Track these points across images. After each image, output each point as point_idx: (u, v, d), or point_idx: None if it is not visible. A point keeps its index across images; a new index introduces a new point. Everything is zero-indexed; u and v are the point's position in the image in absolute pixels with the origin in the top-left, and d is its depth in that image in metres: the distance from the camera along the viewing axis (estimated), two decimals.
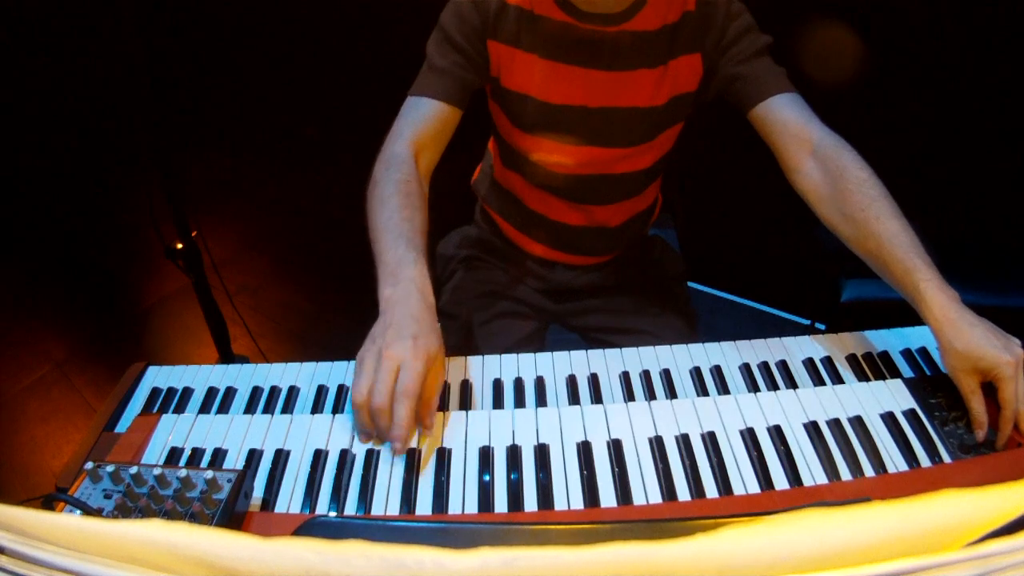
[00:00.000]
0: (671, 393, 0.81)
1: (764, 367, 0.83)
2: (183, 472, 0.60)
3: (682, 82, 0.92)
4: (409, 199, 0.82)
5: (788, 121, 0.85)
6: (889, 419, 0.70)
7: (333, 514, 0.63)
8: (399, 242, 0.77)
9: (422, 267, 0.76)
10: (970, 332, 0.69)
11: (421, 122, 0.90)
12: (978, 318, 0.71)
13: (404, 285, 0.73)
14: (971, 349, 0.68)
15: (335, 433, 0.71)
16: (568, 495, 0.64)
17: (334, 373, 0.84)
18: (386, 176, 0.84)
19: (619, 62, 0.89)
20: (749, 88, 0.88)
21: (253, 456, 0.69)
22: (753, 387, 0.81)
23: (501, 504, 0.64)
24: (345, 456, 0.68)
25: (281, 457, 0.69)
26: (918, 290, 0.72)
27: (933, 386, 0.75)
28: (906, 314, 0.77)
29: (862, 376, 0.82)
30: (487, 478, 0.66)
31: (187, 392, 0.83)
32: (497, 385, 0.82)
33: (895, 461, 0.67)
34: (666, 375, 0.82)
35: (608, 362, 0.85)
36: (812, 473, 0.66)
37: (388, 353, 0.67)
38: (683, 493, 0.64)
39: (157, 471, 0.60)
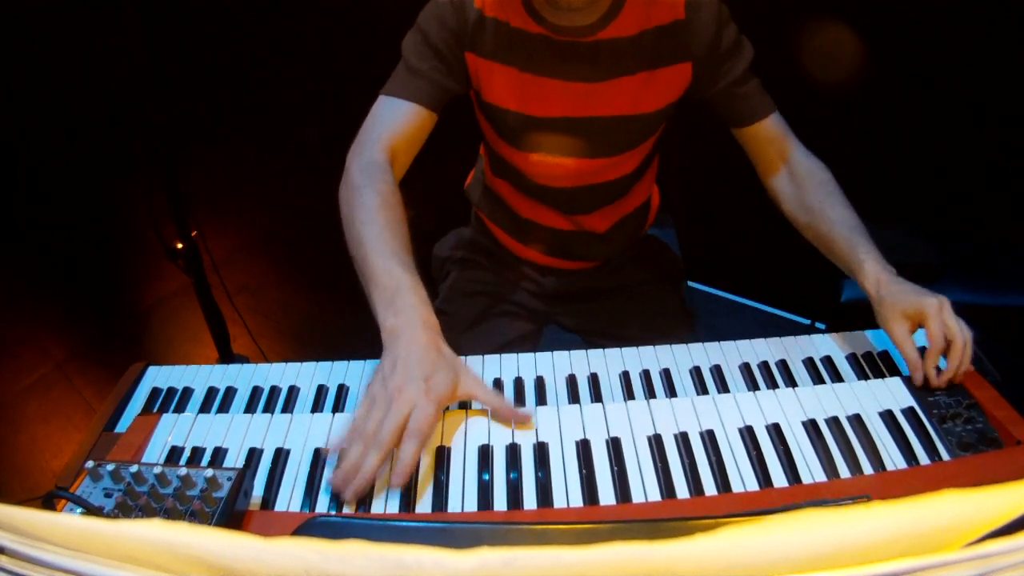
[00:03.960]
0: (671, 393, 0.81)
1: (764, 367, 0.83)
2: (183, 471, 0.60)
3: (671, 90, 0.92)
4: (394, 212, 0.81)
5: (774, 139, 0.96)
6: (888, 417, 0.70)
7: (333, 513, 0.63)
8: (393, 264, 0.75)
9: (421, 291, 0.74)
10: (898, 287, 0.78)
11: (397, 125, 0.88)
12: (910, 283, 0.80)
13: (406, 314, 0.71)
14: (897, 298, 0.77)
15: (335, 433, 0.71)
16: (567, 493, 0.64)
17: (334, 373, 0.84)
18: (367, 185, 0.82)
19: (597, 72, 0.88)
20: (745, 108, 0.94)
21: (253, 455, 0.69)
22: (753, 386, 0.81)
23: (500, 503, 0.64)
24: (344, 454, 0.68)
25: (281, 456, 0.69)
26: (858, 260, 0.82)
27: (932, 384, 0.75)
28: None
29: (861, 375, 0.82)
30: (486, 477, 0.66)
31: (187, 392, 0.83)
32: (497, 384, 0.82)
33: (894, 459, 0.67)
34: (666, 375, 0.82)
35: (608, 361, 0.85)
36: (811, 471, 0.66)
37: (401, 397, 0.65)
38: (682, 491, 0.64)
39: (157, 470, 0.60)
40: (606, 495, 0.64)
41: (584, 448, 0.68)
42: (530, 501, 0.64)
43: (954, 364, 0.73)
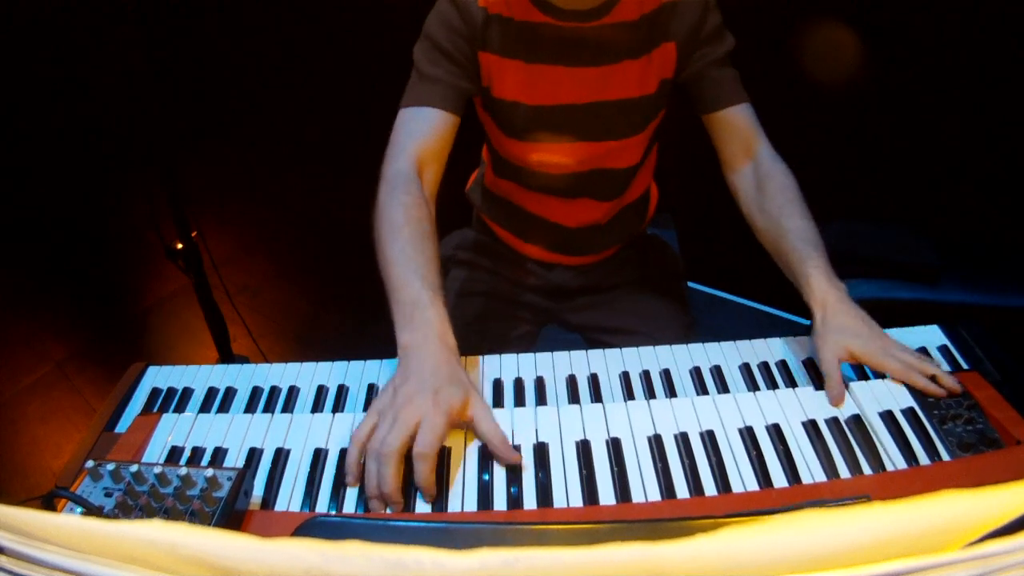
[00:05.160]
0: (671, 393, 0.81)
1: (764, 367, 0.83)
2: (183, 470, 0.60)
3: (665, 68, 0.94)
4: (419, 226, 0.79)
5: (740, 129, 0.94)
6: (888, 417, 0.70)
7: (333, 513, 0.63)
8: (413, 279, 0.74)
9: (439, 307, 0.73)
10: (844, 319, 0.76)
11: (422, 134, 0.87)
12: (856, 308, 0.78)
13: (422, 330, 0.71)
14: (841, 336, 0.75)
15: (335, 432, 0.71)
16: (567, 494, 0.64)
17: (334, 373, 0.84)
18: (392, 200, 0.81)
19: (603, 56, 0.90)
20: (715, 92, 0.93)
21: (253, 455, 0.69)
22: (753, 387, 0.81)
23: (500, 503, 0.64)
24: (345, 455, 0.68)
25: (281, 456, 0.69)
26: (806, 275, 0.80)
27: None
28: (906, 315, 0.78)
29: (861, 375, 0.82)
30: (486, 477, 0.66)
31: (187, 392, 0.83)
32: (497, 385, 0.82)
33: (894, 459, 0.67)
34: (666, 375, 0.82)
35: (608, 362, 0.85)
36: (811, 471, 0.66)
37: (408, 408, 0.65)
38: (682, 491, 0.64)
39: (158, 469, 0.60)
40: (606, 495, 0.64)
41: (584, 448, 0.68)
42: (530, 501, 0.64)
43: (931, 377, 0.73)
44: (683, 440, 0.69)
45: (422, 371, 0.68)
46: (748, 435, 0.69)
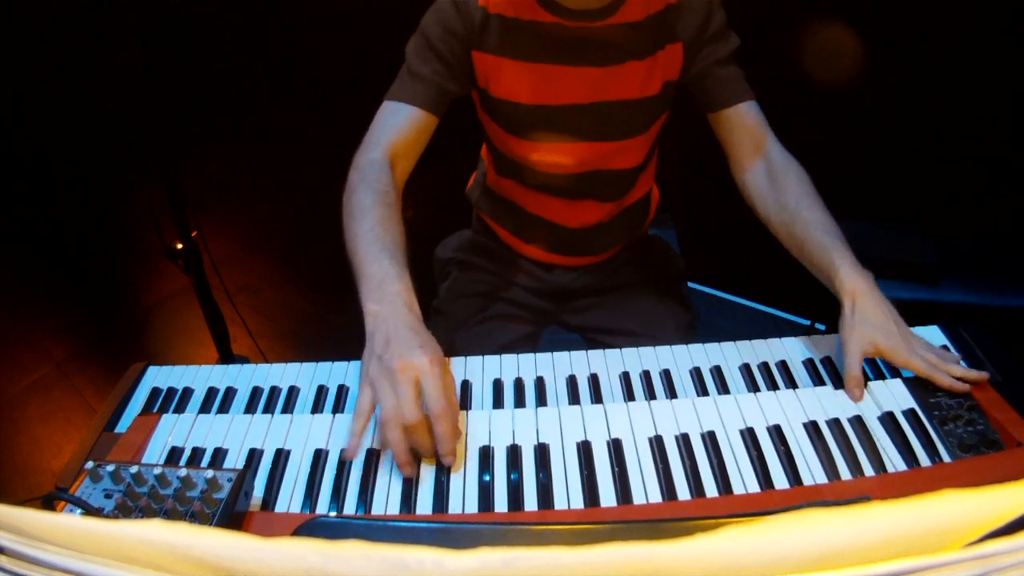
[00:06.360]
0: (671, 393, 0.81)
1: (764, 367, 0.83)
2: (183, 471, 0.60)
3: (670, 70, 0.94)
4: (389, 210, 0.82)
5: (749, 127, 0.93)
6: (889, 419, 0.70)
7: (333, 514, 0.63)
8: (381, 256, 0.76)
9: (407, 281, 0.75)
10: (872, 314, 0.75)
11: (398, 129, 0.89)
12: (885, 301, 0.77)
13: (390, 299, 0.72)
14: (868, 331, 0.74)
15: (335, 433, 0.71)
16: (568, 495, 0.64)
17: (334, 373, 0.84)
18: (363, 184, 0.84)
19: (609, 57, 0.90)
20: (721, 91, 0.93)
21: (253, 456, 0.69)
22: (753, 387, 0.81)
23: (501, 504, 0.64)
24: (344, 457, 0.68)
25: (281, 457, 0.69)
26: (833, 266, 0.79)
27: (933, 386, 0.75)
28: (906, 315, 0.78)
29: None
30: (487, 478, 0.66)
31: (187, 392, 0.83)
32: (497, 385, 0.82)
33: (894, 461, 0.67)
34: (666, 375, 0.82)
35: (608, 362, 0.85)
36: (812, 473, 0.66)
37: (402, 365, 0.66)
38: (683, 493, 0.64)
39: (157, 470, 0.60)
40: (607, 496, 0.64)
41: (585, 449, 0.68)
42: (531, 502, 0.64)
43: (955, 377, 0.74)
44: (684, 441, 0.68)
45: (400, 333, 0.69)
46: (749, 436, 0.69)
